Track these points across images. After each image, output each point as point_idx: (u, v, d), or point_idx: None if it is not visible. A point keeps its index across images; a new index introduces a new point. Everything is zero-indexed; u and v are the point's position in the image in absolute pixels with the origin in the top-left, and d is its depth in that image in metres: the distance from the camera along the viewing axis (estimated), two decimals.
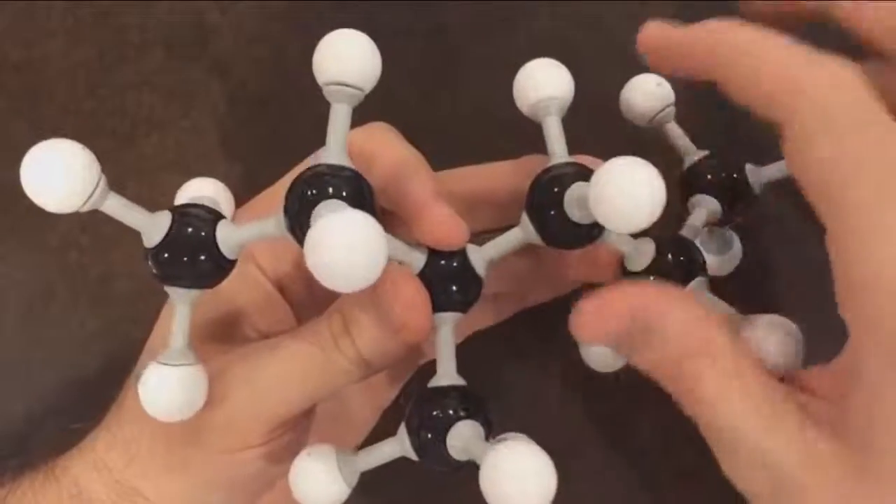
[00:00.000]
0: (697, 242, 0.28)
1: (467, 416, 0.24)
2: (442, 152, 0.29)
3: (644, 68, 0.31)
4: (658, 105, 0.30)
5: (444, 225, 0.24)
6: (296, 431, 0.27)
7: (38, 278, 0.36)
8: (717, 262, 0.31)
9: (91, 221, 0.36)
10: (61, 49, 0.38)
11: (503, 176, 0.28)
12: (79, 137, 0.23)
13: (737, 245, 0.31)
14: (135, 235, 0.25)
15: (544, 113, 0.26)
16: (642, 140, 0.28)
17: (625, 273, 0.27)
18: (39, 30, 0.38)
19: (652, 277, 0.26)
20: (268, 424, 0.25)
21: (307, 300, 0.29)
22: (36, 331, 0.36)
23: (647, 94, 0.30)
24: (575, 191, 0.24)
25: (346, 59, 0.24)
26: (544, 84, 0.26)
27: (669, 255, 0.26)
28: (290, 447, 0.26)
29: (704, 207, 0.29)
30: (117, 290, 0.36)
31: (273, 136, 0.36)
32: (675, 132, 0.30)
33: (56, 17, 0.38)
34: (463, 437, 0.23)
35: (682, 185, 0.30)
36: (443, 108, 0.36)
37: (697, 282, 0.26)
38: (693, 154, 0.29)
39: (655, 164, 0.22)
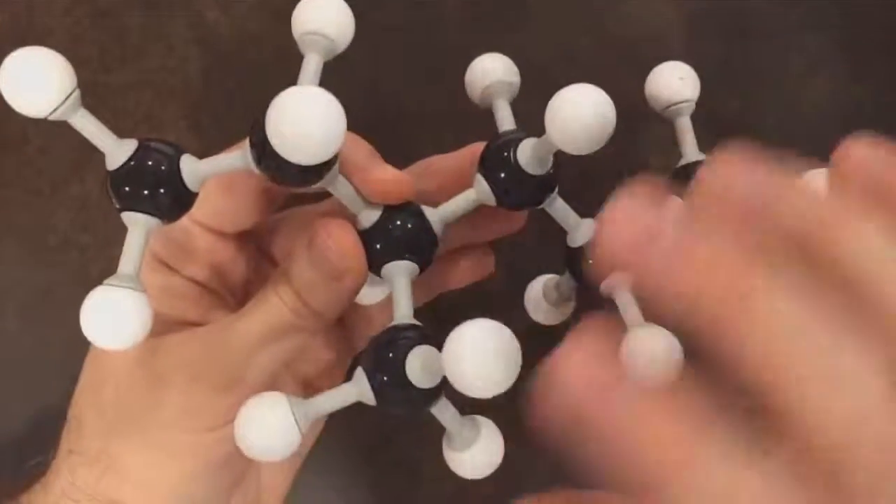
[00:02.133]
0: None
1: (424, 343, 0.23)
2: (436, 150, 0.29)
3: (646, 69, 0.30)
4: (673, 97, 0.29)
5: (387, 178, 0.25)
6: None
7: (38, 278, 0.36)
8: None
9: (91, 221, 0.36)
10: (61, 49, 0.38)
11: (451, 158, 0.29)
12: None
13: None
14: None
15: (495, 96, 0.28)
16: (641, 139, 0.28)
17: (566, 248, 0.28)
18: (39, 29, 0.38)
19: (591, 260, 0.27)
20: (227, 398, 0.25)
21: None
22: (36, 331, 0.36)
23: (667, 82, 0.30)
24: (528, 142, 0.25)
25: (324, 11, 0.25)
26: (491, 70, 0.28)
27: None
28: None
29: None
30: None
31: None
32: (684, 128, 0.30)
33: (56, 16, 0.38)
34: (420, 358, 0.22)
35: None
36: (438, 105, 0.36)
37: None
38: (691, 156, 0.29)
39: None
